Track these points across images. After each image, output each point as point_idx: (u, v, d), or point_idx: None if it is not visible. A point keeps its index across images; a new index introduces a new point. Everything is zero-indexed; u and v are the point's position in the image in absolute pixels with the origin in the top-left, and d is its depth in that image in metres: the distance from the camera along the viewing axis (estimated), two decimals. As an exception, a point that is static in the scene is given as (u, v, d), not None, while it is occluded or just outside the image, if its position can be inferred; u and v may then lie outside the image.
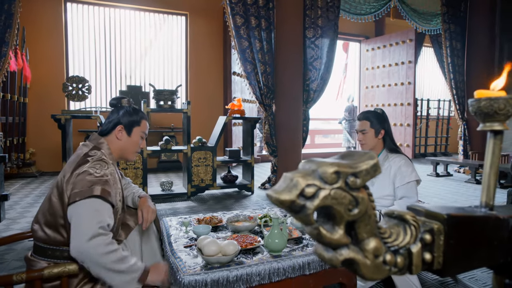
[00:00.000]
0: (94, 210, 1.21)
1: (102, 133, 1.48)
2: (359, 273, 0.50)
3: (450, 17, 6.49)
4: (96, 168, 1.29)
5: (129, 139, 1.49)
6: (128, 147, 1.49)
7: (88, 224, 1.17)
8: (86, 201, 1.21)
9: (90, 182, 1.23)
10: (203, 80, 7.26)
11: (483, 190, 0.69)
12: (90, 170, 1.27)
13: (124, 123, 1.48)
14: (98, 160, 1.33)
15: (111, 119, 1.48)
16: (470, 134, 6.76)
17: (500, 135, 0.66)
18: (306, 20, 5.06)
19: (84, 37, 6.57)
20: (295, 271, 1.45)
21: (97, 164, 1.31)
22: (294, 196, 0.45)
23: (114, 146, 1.47)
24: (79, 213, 1.20)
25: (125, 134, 1.48)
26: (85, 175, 1.25)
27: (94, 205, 1.22)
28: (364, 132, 2.04)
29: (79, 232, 1.17)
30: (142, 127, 1.53)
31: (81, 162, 1.31)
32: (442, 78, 8.37)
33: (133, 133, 1.50)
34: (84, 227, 1.17)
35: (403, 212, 0.55)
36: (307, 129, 5.29)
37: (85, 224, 1.17)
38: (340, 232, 0.48)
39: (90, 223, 1.18)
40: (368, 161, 0.49)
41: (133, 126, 1.49)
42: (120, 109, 1.51)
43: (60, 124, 3.60)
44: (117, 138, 1.47)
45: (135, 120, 1.50)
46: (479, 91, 0.68)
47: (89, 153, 1.36)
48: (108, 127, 1.47)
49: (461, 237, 0.57)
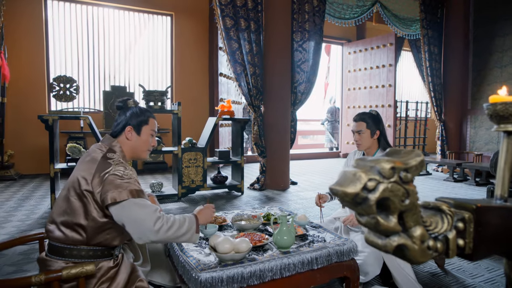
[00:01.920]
0: (142, 204, 1.29)
1: (112, 135, 1.50)
2: (408, 257, 0.56)
3: (428, 23, 6.80)
4: (122, 170, 1.33)
5: (139, 139, 1.51)
6: (139, 146, 1.52)
7: (147, 216, 1.26)
8: (128, 201, 1.27)
9: (124, 185, 1.29)
10: (189, 80, 7.23)
11: (497, 184, 0.78)
12: (118, 173, 1.31)
13: (132, 124, 1.50)
14: (119, 163, 1.37)
15: (120, 121, 1.51)
16: (447, 135, 7.10)
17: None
18: (294, 24, 5.17)
19: (66, 36, 6.39)
20: (304, 266, 1.52)
21: (120, 166, 1.35)
22: (359, 189, 0.51)
23: (126, 146, 1.49)
24: (130, 211, 1.26)
25: (135, 134, 1.50)
26: (116, 178, 1.29)
27: (139, 201, 1.29)
28: (361, 132, 2.14)
29: (143, 227, 1.25)
30: (151, 125, 1.56)
31: (104, 164, 1.34)
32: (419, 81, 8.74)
33: (143, 132, 1.52)
34: (145, 221, 1.25)
35: (439, 203, 0.62)
36: (295, 130, 5.40)
37: (145, 217, 1.26)
38: (394, 221, 0.54)
39: (147, 214, 1.26)
40: (416, 157, 0.56)
41: (141, 125, 1.52)
42: (127, 110, 1.53)
43: (47, 125, 3.50)
44: (127, 138, 1.49)
45: (143, 119, 1.53)
46: (493, 96, 0.76)
47: (108, 155, 1.38)
48: (118, 128, 1.50)
49: (487, 225, 0.65)
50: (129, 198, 1.26)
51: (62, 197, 1.35)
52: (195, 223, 1.39)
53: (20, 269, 2.29)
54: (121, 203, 1.26)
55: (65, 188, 1.38)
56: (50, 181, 3.63)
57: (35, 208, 3.81)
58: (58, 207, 1.34)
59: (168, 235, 1.28)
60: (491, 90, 6.79)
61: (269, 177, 5.07)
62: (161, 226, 1.26)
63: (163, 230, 1.26)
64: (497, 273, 2.28)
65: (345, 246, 1.64)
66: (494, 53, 6.72)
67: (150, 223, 1.25)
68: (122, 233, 1.37)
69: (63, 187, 1.45)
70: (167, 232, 1.27)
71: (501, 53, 6.61)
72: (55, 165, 3.67)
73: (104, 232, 1.31)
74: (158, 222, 1.26)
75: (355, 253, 1.67)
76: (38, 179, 5.59)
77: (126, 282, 1.36)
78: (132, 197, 1.27)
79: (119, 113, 1.54)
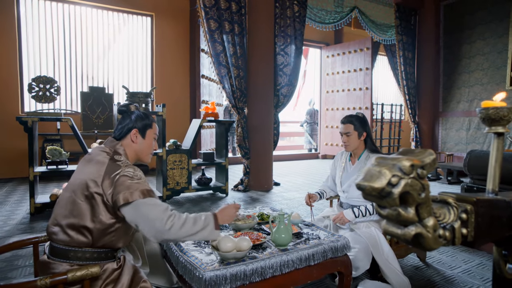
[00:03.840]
0: (153, 203, 1.31)
1: (116, 138, 1.51)
2: (423, 244, 0.63)
3: (403, 29, 7.13)
4: (132, 171, 1.35)
5: (144, 142, 1.54)
6: (143, 149, 1.54)
7: (158, 215, 1.28)
8: (140, 201, 1.29)
9: (136, 185, 1.31)
10: (170, 82, 7.16)
11: (489, 179, 0.87)
12: (128, 174, 1.33)
13: (138, 127, 1.52)
14: (128, 164, 1.39)
15: (124, 124, 1.52)
16: (421, 136, 7.44)
17: (502, 136, 0.85)
18: (276, 28, 5.26)
19: (41, 34, 6.15)
20: (301, 263, 1.58)
21: (129, 167, 1.37)
22: (384, 184, 0.58)
23: (130, 149, 1.51)
24: (143, 211, 1.28)
25: (140, 137, 1.53)
26: (127, 179, 1.31)
27: (151, 201, 1.31)
28: (348, 134, 2.23)
29: (156, 226, 1.27)
30: (154, 129, 1.59)
31: (113, 166, 1.35)
32: (394, 84, 9.11)
33: (147, 135, 1.55)
34: (156, 220, 1.27)
35: (445, 196, 0.70)
36: (278, 132, 5.48)
37: (156, 217, 1.27)
38: (412, 212, 0.61)
39: (158, 213, 1.28)
40: (430, 156, 0.63)
41: (146, 129, 1.55)
42: (132, 114, 1.55)
43: (26, 127, 3.38)
44: (133, 141, 1.51)
45: (147, 123, 1.55)
46: (485, 101, 0.86)
47: (114, 157, 1.40)
48: (122, 131, 1.51)
49: (485, 215, 0.73)
50: (140, 198, 1.28)
51: (66, 200, 1.34)
52: (213, 220, 1.40)
53: (5, 277, 2.21)
54: (133, 203, 1.28)
55: (68, 191, 1.37)
56: (29, 185, 3.50)
57: (12, 214, 3.65)
58: (62, 209, 1.33)
59: (182, 232, 1.30)
60: (460, 93, 7.21)
61: (253, 178, 5.12)
62: (172, 224, 1.28)
63: (176, 228, 1.29)
64: (472, 264, 2.45)
65: (339, 243, 1.72)
66: (462, 59, 7.14)
67: (161, 222, 1.27)
68: (127, 235, 1.38)
69: (63, 189, 1.43)
70: (181, 230, 1.30)
71: (469, 59, 7.03)
72: (35, 168, 3.54)
73: (110, 234, 1.32)
74: (169, 220, 1.28)
75: (348, 249, 1.75)
76: (12, 184, 5.35)
77: (130, 283, 1.36)
78: (144, 197, 1.29)
79: (123, 117, 1.55)
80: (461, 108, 7.17)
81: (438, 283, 2.16)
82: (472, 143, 6.93)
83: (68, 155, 3.80)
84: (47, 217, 3.50)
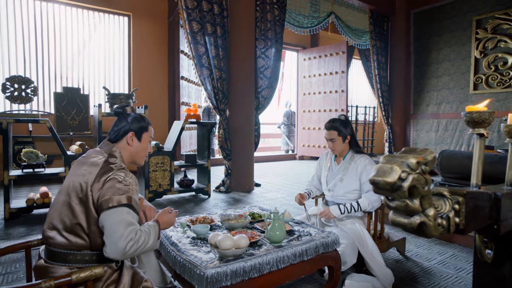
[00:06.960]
0: (125, 218, 1.26)
1: (111, 140, 1.50)
2: (426, 232, 0.72)
3: (376, 34, 7.44)
4: (123, 176, 1.33)
5: (140, 144, 1.54)
6: (139, 152, 1.54)
7: (123, 232, 1.23)
8: (118, 209, 1.26)
9: (120, 190, 1.29)
10: (148, 83, 7.06)
11: (473, 175, 0.98)
12: (118, 178, 1.31)
13: (134, 130, 1.52)
14: (121, 168, 1.37)
15: (120, 127, 1.51)
16: (394, 137, 7.79)
17: (484, 137, 0.96)
18: (257, 31, 5.35)
19: (10, 32, 5.88)
20: (296, 258, 1.66)
21: (121, 172, 1.35)
22: (396, 178, 0.66)
23: (126, 152, 1.50)
24: (111, 222, 1.24)
25: (136, 140, 1.53)
26: (115, 182, 1.29)
27: (123, 213, 1.27)
28: (333, 140, 2.33)
29: (115, 242, 1.22)
30: (150, 132, 1.59)
31: (107, 169, 1.34)
32: (367, 87, 9.48)
33: (143, 138, 1.55)
34: (120, 237, 1.22)
35: (441, 189, 0.80)
36: (259, 134, 5.56)
37: (120, 233, 1.22)
38: (417, 203, 0.70)
39: (124, 231, 1.23)
40: (430, 154, 0.72)
41: (142, 132, 1.55)
42: (128, 117, 1.55)
43: (1, 129, 3.24)
44: (129, 144, 1.51)
45: (143, 126, 1.56)
46: (469, 106, 0.97)
47: (109, 160, 1.39)
48: (118, 134, 1.50)
49: (472, 206, 0.83)
50: (119, 205, 1.26)
51: (61, 203, 1.33)
52: (158, 232, 1.39)
53: (-14, 284, 2.13)
54: (110, 209, 1.25)
55: (62, 194, 1.36)
56: (4, 189, 3.36)
57: (-16, 220, 3.48)
58: (57, 213, 1.32)
59: (135, 253, 1.26)
60: (429, 97, 7.62)
61: (235, 179, 5.16)
62: (130, 247, 1.24)
63: (131, 252, 1.24)
64: (446, 255, 2.64)
65: (329, 238, 1.81)
66: (431, 64, 7.56)
67: (122, 244, 1.22)
68: None
69: (57, 192, 1.42)
70: (135, 252, 1.26)
71: (437, 65, 7.46)
72: (10, 172, 3.40)
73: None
74: (131, 242, 1.24)
75: (338, 245, 1.85)
76: (-21, 189, 5.06)
77: (131, 284, 1.38)
78: (123, 206, 1.27)
79: (119, 119, 1.54)
80: (430, 110, 7.58)
81: (417, 274, 2.32)
82: (441, 143, 7.34)
83: (46, 158, 3.68)
84: (23, 223, 3.37)
